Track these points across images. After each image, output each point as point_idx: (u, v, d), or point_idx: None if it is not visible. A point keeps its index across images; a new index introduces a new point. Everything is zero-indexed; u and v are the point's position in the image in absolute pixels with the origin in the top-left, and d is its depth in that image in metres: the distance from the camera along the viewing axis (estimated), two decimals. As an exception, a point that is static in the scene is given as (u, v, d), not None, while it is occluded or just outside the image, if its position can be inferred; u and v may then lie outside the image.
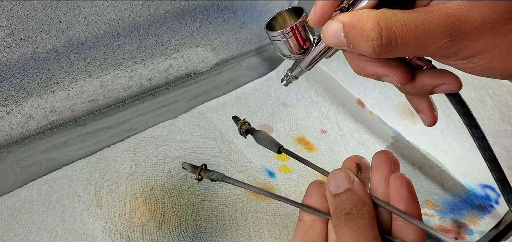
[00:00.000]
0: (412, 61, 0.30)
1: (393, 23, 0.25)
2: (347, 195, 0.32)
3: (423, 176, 0.61)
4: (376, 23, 0.25)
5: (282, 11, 0.32)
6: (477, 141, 0.34)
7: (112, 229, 0.48)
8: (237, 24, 0.72)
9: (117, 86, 0.62)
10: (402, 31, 0.25)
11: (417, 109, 0.34)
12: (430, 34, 0.25)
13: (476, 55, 0.26)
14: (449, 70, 0.30)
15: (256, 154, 0.59)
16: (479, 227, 0.55)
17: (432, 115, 0.33)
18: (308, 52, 0.32)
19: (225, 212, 0.52)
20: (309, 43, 0.31)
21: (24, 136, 0.56)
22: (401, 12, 0.25)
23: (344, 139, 0.65)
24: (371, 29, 0.25)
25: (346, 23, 0.26)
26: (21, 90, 0.53)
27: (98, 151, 0.56)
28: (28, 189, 0.51)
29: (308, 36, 0.31)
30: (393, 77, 0.29)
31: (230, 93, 0.69)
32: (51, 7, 0.49)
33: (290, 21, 0.32)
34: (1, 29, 0.46)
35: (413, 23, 0.25)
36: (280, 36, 0.30)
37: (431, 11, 0.25)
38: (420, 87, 0.30)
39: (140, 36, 0.60)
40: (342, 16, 0.27)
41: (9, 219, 0.47)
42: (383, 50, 0.26)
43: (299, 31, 0.30)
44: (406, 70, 0.29)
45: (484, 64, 0.26)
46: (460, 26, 0.25)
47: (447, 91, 0.30)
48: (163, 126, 0.62)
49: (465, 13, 0.25)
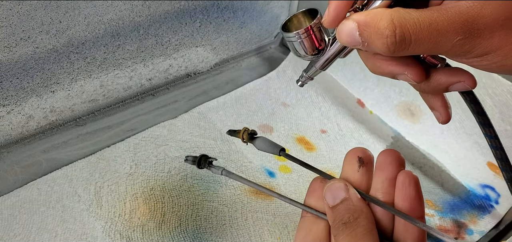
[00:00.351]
0: (426, 59, 0.30)
1: (407, 21, 0.25)
2: (343, 205, 0.32)
3: (423, 176, 0.61)
4: (390, 21, 0.26)
5: (297, 13, 0.32)
6: (489, 139, 0.34)
7: (112, 229, 0.48)
8: (237, 24, 0.72)
9: (117, 86, 0.62)
10: (416, 29, 0.25)
11: (431, 107, 0.34)
12: (443, 32, 0.25)
13: (490, 53, 0.26)
14: (463, 69, 0.30)
15: (256, 154, 0.59)
16: (479, 227, 0.55)
17: (446, 113, 0.33)
18: (323, 52, 0.32)
19: (225, 212, 0.52)
20: (324, 44, 0.32)
21: (24, 136, 0.56)
22: (415, 11, 0.26)
23: (344, 139, 0.65)
24: (385, 27, 0.26)
25: (361, 22, 0.27)
26: (21, 90, 0.53)
27: (98, 151, 0.56)
28: (28, 189, 0.50)
29: (323, 37, 0.31)
30: (408, 76, 0.29)
31: (230, 93, 0.69)
32: (51, 7, 0.49)
33: (305, 23, 0.32)
34: (1, 29, 0.46)
35: (426, 21, 0.25)
36: (296, 37, 0.31)
37: (445, 9, 0.25)
38: (435, 85, 0.30)
39: (140, 36, 0.60)
40: (357, 15, 0.27)
41: (9, 219, 0.47)
42: (397, 48, 0.26)
43: (314, 32, 0.31)
44: (421, 69, 0.30)
45: (499, 61, 0.26)
46: (474, 24, 0.25)
47: (462, 89, 0.30)
48: (163, 126, 0.62)
49: (478, 10, 0.25)
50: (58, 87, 0.56)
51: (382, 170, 0.34)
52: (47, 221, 0.48)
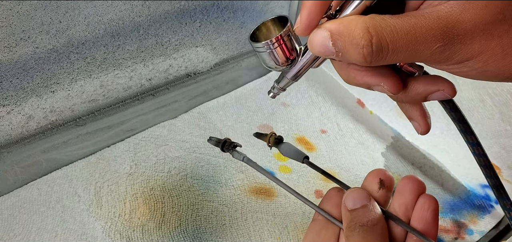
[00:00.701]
0: (403, 67, 0.29)
1: (383, 29, 0.24)
2: (363, 210, 0.32)
3: (423, 176, 0.61)
4: (365, 29, 0.24)
5: (265, 21, 0.30)
6: (472, 147, 0.33)
7: (112, 229, 0.48)
8: (237, 24, 0.72)
9: (117, 86, 0.62)
10: (393, 37, 0.24)
11: (409, 117, 0.33)
12: (422, 39, 0.24)
13: (471, 59, 0.25)
14: (442, 77, 0.29)
15: (256, 154, 0.59)
16: (479, 227, 0.55)
17: (425, 123, 0.32)
18: (295, 62, 0.30)
19: (225, 212, 0.52)
20: (296, 53, 0.30)
21: (24, 136, 0.56)
22: (391, 17, 0.24)
23: (344, 139, 0.65)
24: (361, 36, 0.24)
25: (334, 30, 0.25)
26: (21, 90, 0.53)
27: (98, 151, 0.56)
28: (28, 189, 0.51)
29: (294, 45, 0.29)
30: (385, 87, 0.28)
31: (230, 93, 0.69)
32: (51, 7, 0.49)
33: (275, 31, 0.30)
34: (1, 29, 0.46)
35: (404, 28, 0.24)
36: (265, 47, 0.29)
37: (422, 15, 0.24)
38: (413, 95, 0.29)
39: (140, 36, 0.60)
40: (329, 23, 0.26)
41: (9, 219, 0.47)
42: (374, 58, 0.25)
43: (284, 41, 0.29)
44: (398, 79, 0.28)
45: (479, 67, 0.25)
46: (453, 30, 0.24)
47: (442, 98, 0.29)
48: (163, 126, 0.62)
49: (458, 15, 0.24)
50: (58, 87, 0.56)
51: (402, 195, 0.34)
52: (47, 221, 0.48)
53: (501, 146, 0.64)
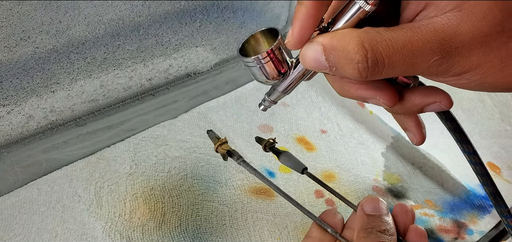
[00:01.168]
0: (398, 79, 0.28)
1: (379, 43, 0.23)
2: (383, 218, 0.34)
3: (423, 176, 0.61)
4: (360, 44, 0.23)
5: (255, 33, 0.29)
6: (468, 156, 0.33)
7: (112, 229, 0.48)
8: (237, 24, 0.72)
9: (117, 86, 0.62)
10: (389, 51, 0.23)
11: (404, 128, 0.32)
12: (419, 53, 0.23)
13: (469, 71, 0.24)
14: (438, 88, 0.28)
15: (256, 154, 0.59)
16: (479, 227, 0.55)
17: (420, 134, 0.31)
18: (286, 76, 0.29)
19: (225, 212, 0.52)
20: (287, 67, 0.28)
21: (24, 136, 0.56)
22: (386, 30, 0.24)
23: (344, 138, 0.65)
24: (355, 51, 0.23)
25: (327, 45, 0.24)
26: (21, 90, 0.53)
27: (98, 151, 0.56)
28: (28, 189, 0.51)
29: (285, 59, 0.28)
30: (380, 100, 0.27)
31: (230, 93, 0.69)
32: (51, 7, 0.49)
33: (265, 44, 0.29)
34: (1, 29, 0.46)
35: (400, 42, 0.23)
36: (255, 62, 0.28)
37: (419, 28, 0.23)
38: (409, 107, 0.28)
39: (140, 36, 0.60)
40: (322, 37, 0.25)
41: (9, 219, 0.47)
42: (369, 73, 0.24)
43: (275, 56, 0.27)
44: (393, 91, 0.28)
45: (477, 79, 0.24)
46: (451, 42, 0.23)
47: (438, 109, 0.29)
48: (163, 126, 0.62)
49: (455, 27, 0.23)
50: (58, 87, 0.56)
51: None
52: (47, 221, 0.48)
53: (501, 146, 0.64)
